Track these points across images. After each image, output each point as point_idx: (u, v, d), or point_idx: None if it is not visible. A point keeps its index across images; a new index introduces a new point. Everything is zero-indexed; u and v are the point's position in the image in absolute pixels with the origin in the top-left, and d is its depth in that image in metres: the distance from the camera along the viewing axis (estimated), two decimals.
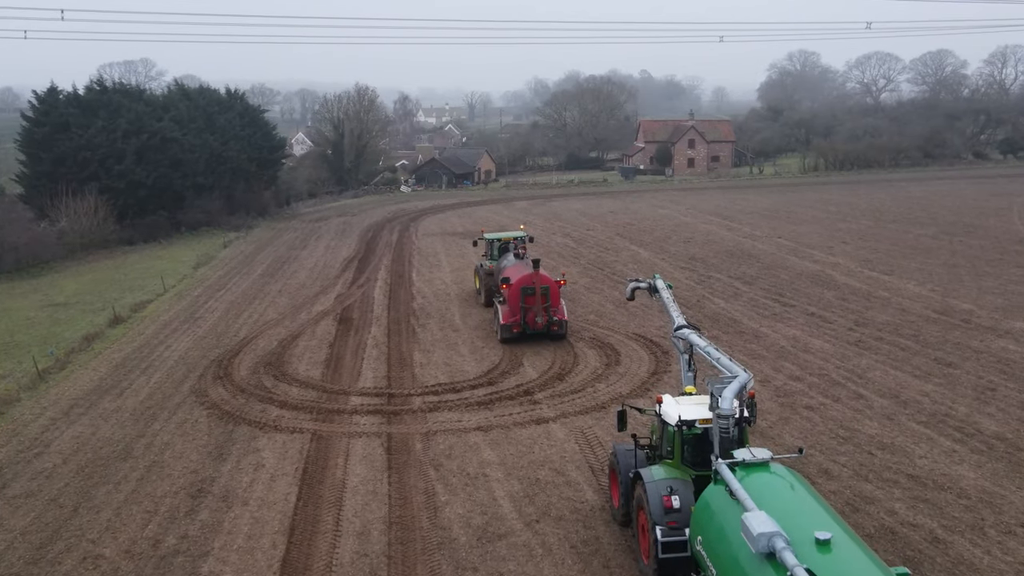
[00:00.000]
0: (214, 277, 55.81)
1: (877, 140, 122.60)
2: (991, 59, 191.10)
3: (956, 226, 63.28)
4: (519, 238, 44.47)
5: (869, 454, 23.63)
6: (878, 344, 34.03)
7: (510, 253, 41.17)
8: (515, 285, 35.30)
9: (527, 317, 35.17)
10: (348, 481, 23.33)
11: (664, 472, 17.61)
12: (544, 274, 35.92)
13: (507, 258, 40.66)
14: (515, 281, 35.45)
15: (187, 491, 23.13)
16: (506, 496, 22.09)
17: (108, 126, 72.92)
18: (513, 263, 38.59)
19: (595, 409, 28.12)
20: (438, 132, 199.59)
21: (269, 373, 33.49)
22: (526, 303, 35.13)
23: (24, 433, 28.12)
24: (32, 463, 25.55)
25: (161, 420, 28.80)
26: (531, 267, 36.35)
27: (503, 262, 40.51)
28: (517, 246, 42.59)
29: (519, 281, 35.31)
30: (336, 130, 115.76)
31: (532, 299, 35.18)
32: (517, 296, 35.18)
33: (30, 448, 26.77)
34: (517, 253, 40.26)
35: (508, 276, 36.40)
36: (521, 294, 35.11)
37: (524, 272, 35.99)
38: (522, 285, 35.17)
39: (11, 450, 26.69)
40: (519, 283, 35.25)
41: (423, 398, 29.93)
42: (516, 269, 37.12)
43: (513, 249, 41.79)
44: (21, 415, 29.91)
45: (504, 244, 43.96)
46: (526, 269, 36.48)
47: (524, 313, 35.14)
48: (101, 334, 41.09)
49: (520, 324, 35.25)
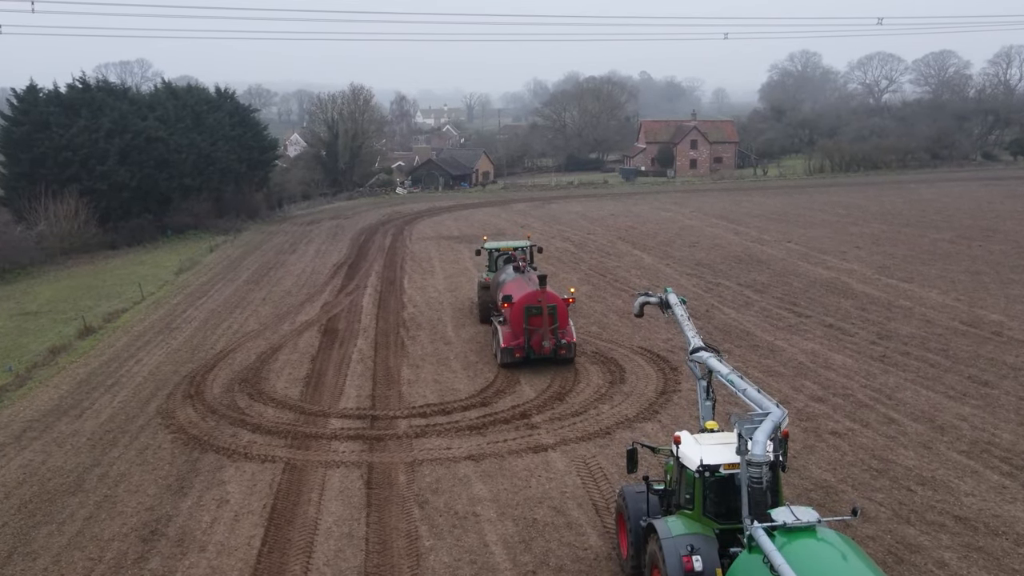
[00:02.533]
0: (196, 284, 53.13)
1: (884, 141, 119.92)
2: (996, 59, 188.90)
3: (973, 230, 60.61)
4: (522, 248, 40.70)
5: (908, 491, 20.95)
6: (905, 360, 31.36)
7: (508, 266, 36.91)
8: (518, 304, 31.31)
9: (532, 340, 31.07)
10: (321, 521, 20.65)
11: (683, 525, 14.93)
12: (551, 291, 32.07)
13: (505, 271, 36.27)
14: (518, 299, 31.48)
15: (138, 533, 20.43)
16: (499, 541, 19.42)
17: (90, 125, 70.15)
18: (513, 277, 34.50)
19: (598, 435, 25.44)
20: (436, 133, 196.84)
21: (244, 391, 30.81)
22: (530, 324, 31.10)
23: None
24: None
25: (121, 446, 26.12)
26: (534, 283, 32.77)
27: (501, 276, 36.15)
28: (517, 258, 38.43)
29: (522, 299, 31.41)
30: (330, 130, 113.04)
31: (538, 320, 31.17)
32: (520, 316, 31.17)
33: None
34: (517, 266, 36.02)
35: (509, 294, 32.21)
36: (525, 314, 31.11)
37: (527, 289, 32.21)
38: (526, 304, 31.23)
39: None
40: (522, 301, 31.32)
41: (409, 421, 27.25)
42: (517, 285, 33.19)
43: (511, 260, 37.81)
44: None
45: (505, 255, 39.96)
46: (529, 285, 32.80)
47: (528, 336, 31.10)
48: (69, 346, 38.41)
49: (524, 348, 31.25)
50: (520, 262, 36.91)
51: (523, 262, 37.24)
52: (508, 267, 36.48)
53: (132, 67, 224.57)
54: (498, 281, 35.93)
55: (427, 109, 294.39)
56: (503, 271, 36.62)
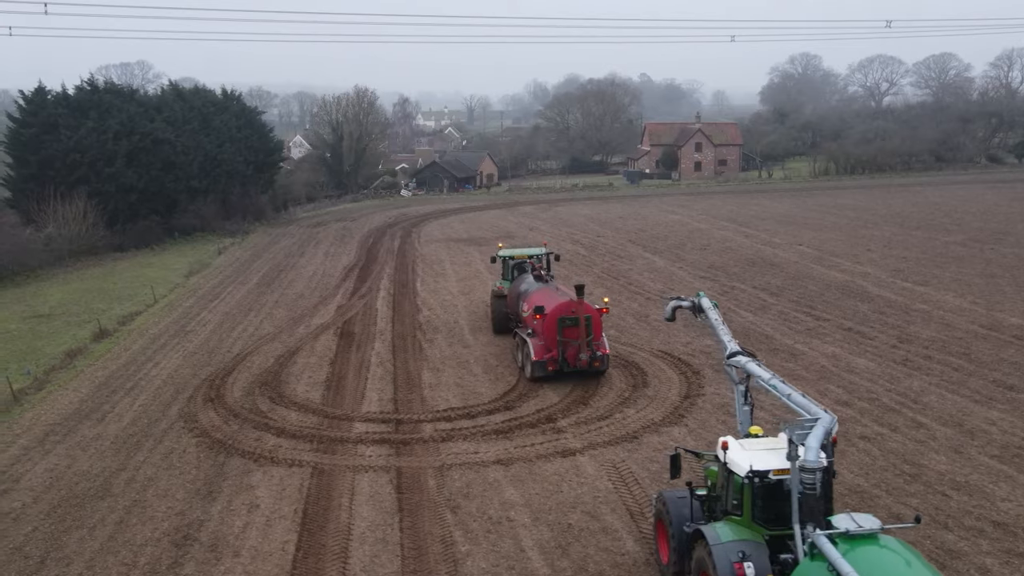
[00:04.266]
0: (207, 286, 52.99)
1: (888, 144, 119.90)
2: (997, 62, 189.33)
3: (984, 233, 60.57)
4: (538, 256, 38.96)
5: (943, 495, 20.86)
6: (927, 363, 31.28)
7: (527, 274, 35.67)
8: (551, 315, 29.83)
9: (567, 353, 29.69)
10: (354, 526, 20.53)
11: (732, 531, 14.82)
12: (586, 302, 30.70)
13: (525, 280, 34.94)
14: (551, 310, 29.98)
15: (171, 538, 20.31)
16: (535, 546, 19.31)
17: (98, 127, 70.02)
18: (537, 287, 33.19)
19: (626, 439, 25.33)
20: (438, 135, 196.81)
21: (265, 395, 30.69)
22: (565, 336, 29.70)
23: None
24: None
25: (145, 450, 25.99)
26: (562, 292, 32.06)
27: (522, 285, 34.60)
28: (535, 266, 36.95)
29: (556, 310, 29.97)
30: (335, 132, 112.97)
31: (573, 331, 29.76)
32: (553, 328, 29.69)
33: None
34: (539, 275, 34.98)
35: (541, 304, 30.45)
36: (559, 325, 29.66)
37: (558, 299, 30.88)
38: (560, 315, 29.80)
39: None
40: (556, 312, 29.89)
41: (434, 425, 27.14)
42: (546, 295, 31.72)
43: (532, 270, 36.16)
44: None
45: (520, 263, 38.59)
46: (556, 294, 31.74)
47: (563, 348, 29.76)
48: (84, 349, 38.27)
49: (557, 361, 29.78)
50: (540, 269, 36.07)
51: (540, 268, 36.43)
52: (527, 276, 35.48)
53: (133, 69, 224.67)
54: (519, 291, 34.63)
55: (427, 111, 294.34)
56: (523, 280, 35.34)
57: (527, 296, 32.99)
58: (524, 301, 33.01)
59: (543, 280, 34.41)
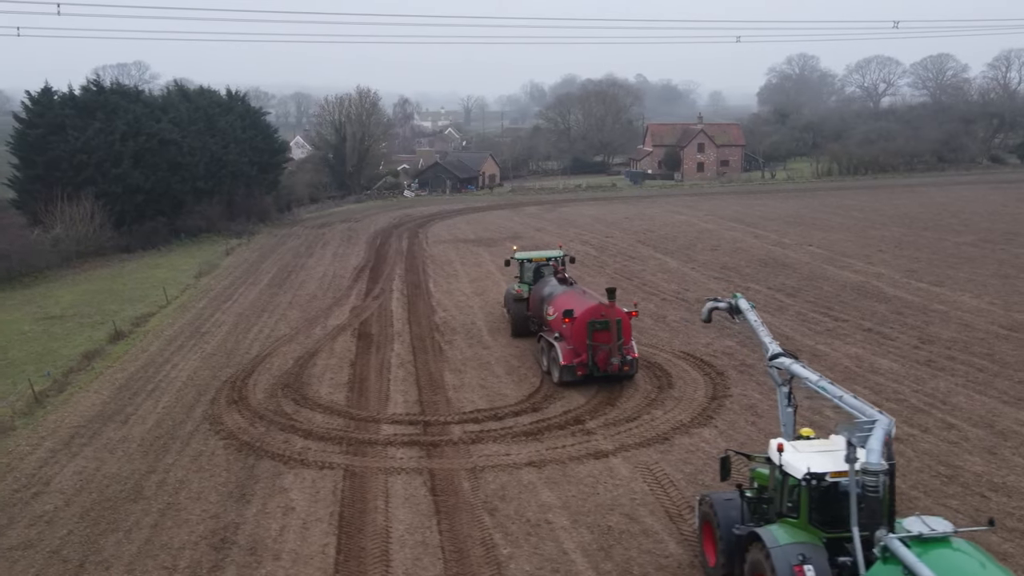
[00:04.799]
0: (219, 287, 52.85)
1: (890, 144, 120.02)
2: (995, 62, 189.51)
3: (994, 233, 60.62)
4: (556, 258, 38.43)
5: (982, 497, 20.83)
6: (951, 364, 31.26)
7: (550, 277, 35.38)
8: (580, 319, 29.46)
9: (597, 357, 29.27)
10: (392, 529, 20.44)
11: (789, 534, 14.75)
12: (617, 305, 30.21)
13: (548, 283, 34.60)
14: (580, 314, 29.60)
15: (208, 541, 20.19)
16: (577, 548, 19.23)
17: (105, 128, 69.84)
18: (562, 290, 32.96)
19: (657, 441, 25.26)
20: (438, 136, 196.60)
21: (288, 396, 30.58)
22: (595, 340, 29.27)
23: (20, 468, 25.16)
24: (31, 505, 22.60)
25: (173, 452, 25.87)
26: (589, 295, 31.80)
27: (545, 289, 34.28)
28: (557, 268, 36.76)
29: (585, 313, 29.54)
30: (337, 133, 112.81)
31: (604, 335, 29.27)
32: (583, 332, 29.26)
33: (27, 486, 23.81)
34: (564, 278, 34.83)
35: (571, 308, 30.12)
36: (588, 329, 29.25)
37: (587, 302, 30.51)
38: (590, 319, 29.37)
39: (6, 489, 23.72)
40: (585, 316, 29.46)
41: (462, 427, 27.04)
42: (573, 298, 31.41)
43: (554, 272, 35.95)
44: (17, 446, 26.93)
45: (540, 265, 38.03)
46: (583, 297, 31.49)
47: (593, 352, 29.38)
48: (101, 351, 38.12)
49: (587, 365, 29.44)
50: (563, 273, 35.78)
51: (564, 273, 36.13)
52: (550, 278, 35.15)
53: (130, 69, 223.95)
54: (542, 294, 34.23)
55: (424, 112, 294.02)
56: (546, 283, 34.96)
57: (552, 299, 32.63)
58: (549, 304, 32.62)
59: (567, 283, 34.14)
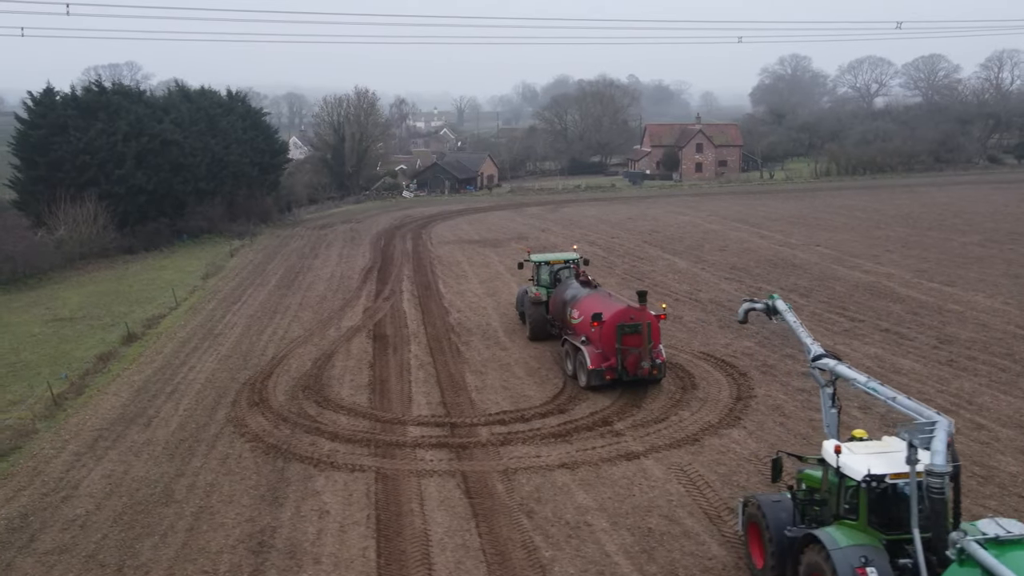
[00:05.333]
0: (227, 288, 52.63)
1: (888, 144, 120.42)
2: (988, 63, 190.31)
3: (999, 234, 60.80)
4: (574, 261, 38.33)
5: (1020, 497, 20.85)
6: (973, 364, 31.30)
7: (571, 280, 35.19)
8: (609, 322, 29.07)
9: (626, 361, 28.88)
10: (431, 532, 20.32)
11: (848, 536, 14.70)
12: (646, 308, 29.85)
13: (570, 286, 34.28)
14: (609, 317, 29.21)
15: (246, 545, 20.04)
16: (619, 550, 19.15)
17: (107, 129, 69.50)
18: (587, 293, 32.58)
19: (687, 442, 25.20)
20: (433, 136, 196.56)
21: (310, 398, 30.43)
22: (624, 344, 28.87)
23: (47, 472, 24.96)
24: (61, 509, 22.41)
25: (200, 455, 25.70)
26: (612, 298, 31.55)
27: (567, 292, 33.89)
28: (580, 271, 36.45)
29: (615, 317, 29.16)
30: (336, 133, 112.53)
31: (634, 339, 28.86)
32: (612, 335, 28.89)
33: (56, 490, 23.62)
34: (587, 280, 34.51)
35: (599, 311, 29.70)
36: (618, 332, 28.85)
37: (615, 305, 30.24)
38: (619, 322, 28.98)
39: (35, 493, 23.52)
40: (615, 319, 29.07)
41: (489, 428, 26.93)
42: (599, 301, 31.13)
43: (576, 275, 35.83)
44: (41, 450, 26.73)
45: (562, 267, 37.74)
46: (610, 300, 31.25)
47: (622, 356, 28.98)
48: (115, 353, 37.91)
49: (615, 369, 29.07)
50: (586, 275, 35.45)
51: (587, 275, 35.80)
52: (572, 281, 34.86)
53: (122, 70, 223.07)
54: (564, 297, 33.79)
55: (417, 112, 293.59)
56: (568, 286, 34.61)
57: (576, 303, 32.26)
58: (573, 307, 32.24)
59: (590, 285, 33.85)
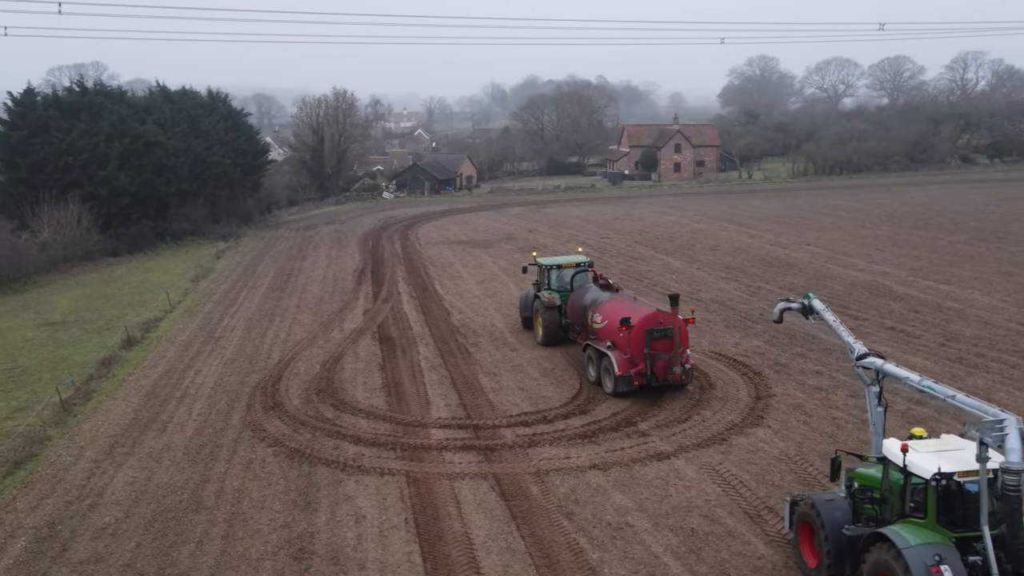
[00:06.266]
0: (220, 291, 52.01)
1: (864, 145, 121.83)
2: (953, 64, 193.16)
3: (983, 232, 61.69)
4: (585, 263, 37.42)
5: None
6: (983, 361, 31.67)
7: (589, 284, 34.25)
8: (638, 327, 28.28)
9: (656, 366, 28.27)
10: (473, 535, 20.15)
11: (918, 535, 14.76)
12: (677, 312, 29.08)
13: (589, 290, 33.46)
14: (638, 322, 28.40)
15: (286, 551, 19.76)
16: (666, 551, 19.11)
17: (90, 129, 68.40)
18: (609, 297, 31.74)
19: (714, 442, 25.24)
20: (408, 137, 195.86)
21: (325, 402, 30.13)
22: (653, 349, 28.25)
23: (67, 479, 24.48)
24: (88, 517, 21.96)
25: (223, 461, 25.33)
26: (637, 302, 30.98)
27: (587, 296, 33.00)
28: (597, 275, 35.13)
29: (644, 321, 28.38)
30: (315, 134, 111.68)
31: (663, 344, 28.24)
32: (641, 340, 28.20)
33: (80, 498, 23.16)
34: (607, 283, 33.50)
35: (627, 316, 28.87)
36: (647, 337, 28.22)
37: (642, 309, 29.49)
38: (649, 326, 28.31)
39: (58, 501, 23.05)
40: (644, 323, 28.33)
41: (513, 430, 26.80)
42: (624, 305, 30.35)
43: (594, 278, 34.60)
44: (58, 457, 26.20)
45: (574, 272, 36.75)
46: (635, 304, 30.50)
47: (652, 361, 28.35)
48: (117, 357, 37.29)
49: (644, 375, 28.42)
50: (605, 279, 34.50)
51: (607, 279, 34.94)
52: (590, 285, 34.17)
53: (87, 69, 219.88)
54: (583, 301, 32.87)
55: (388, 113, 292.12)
56: (587, 290, 33.73)
57: (599, 307, 31.49)
58: (596, 312, 31.43)
59: (611, 289, 33.16)
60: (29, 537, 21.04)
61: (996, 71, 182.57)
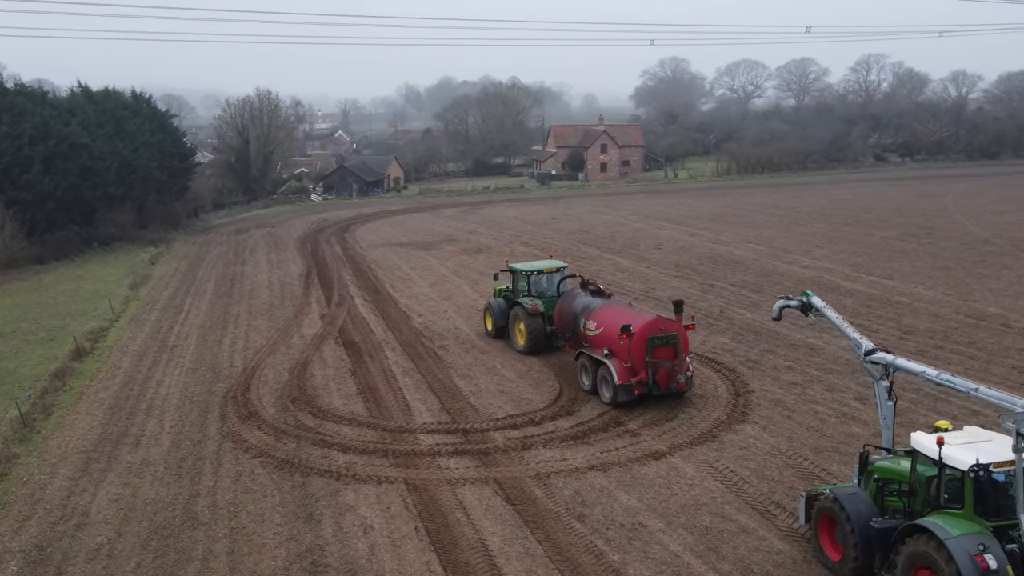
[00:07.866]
0: (163, 298, 50.36)
1: (783, 144, 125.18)
2: (857, 66, 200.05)
3: (912, 228, 64.05)
4: (561, 269, 36.80)
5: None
6: (942, 353, 32.84)
7: (578, 290, 32.99)
8: (639, 334, 27.75)
9: (658, 375, 27.77)
10: (488, 542, 19.95)
11: (958, 525, 15.16)
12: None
13: (578, 296, 32.40)
14: (639, 329, 27.85)
15: (299, 566, 19.24)
16: (685, 550, 19.25)
17: (11, 132, 65.41)
18: (601, 303, 30.86)
19: (706, 439, 25.55)
20: (330, 139, 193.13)
21: (303, 410, 29.44)
22: (655, 356, 27.79)
23: (46, 499, 23.33)
24: (78, 538, 20.99)
25: (208, 474, 24.52)
26: (632, 308, 30.49)
27: (576, 302, 31.96)
28: (587, 280, 33.76)
29: (644, 328, 27.86)
30: (240, 136, 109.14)
31: (665, 351, 27.81)
32: (642, 348, 27.67)
33: (64, 518, 22.10)
34: (598, 289, 32.35)
35: (628, 323, 28.14)
36: (648, 345, 27.76)
37: (642, 316, 28.91)
38: (650, 334, 27.81)
39: (41, 522, 21.95)
40: (644, 331, 27.80)
41: (503, 433, 26.64)
42: (621, 312, 29.64)
43: (583, 284, 33.19)
44: (31, 475, 24.96)
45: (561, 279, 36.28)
46: (631, 311, 29.86)
47: (653, 370, 27.86)
48: (69, 369, 35.70)
49: (645, 384, 27.87)
50: (596, 285, 33.24)
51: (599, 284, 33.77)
52: (578, 291, 32.92)
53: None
54: (574, 308, 31.83)
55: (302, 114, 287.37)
56: (576, 295, 32.62)
57: (591, 313, 30.62)
58: (588, 319, 30.56)
59: (602, 295, 32.21)
60: (19, 562, 20.01)
61: (897, 73, 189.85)
